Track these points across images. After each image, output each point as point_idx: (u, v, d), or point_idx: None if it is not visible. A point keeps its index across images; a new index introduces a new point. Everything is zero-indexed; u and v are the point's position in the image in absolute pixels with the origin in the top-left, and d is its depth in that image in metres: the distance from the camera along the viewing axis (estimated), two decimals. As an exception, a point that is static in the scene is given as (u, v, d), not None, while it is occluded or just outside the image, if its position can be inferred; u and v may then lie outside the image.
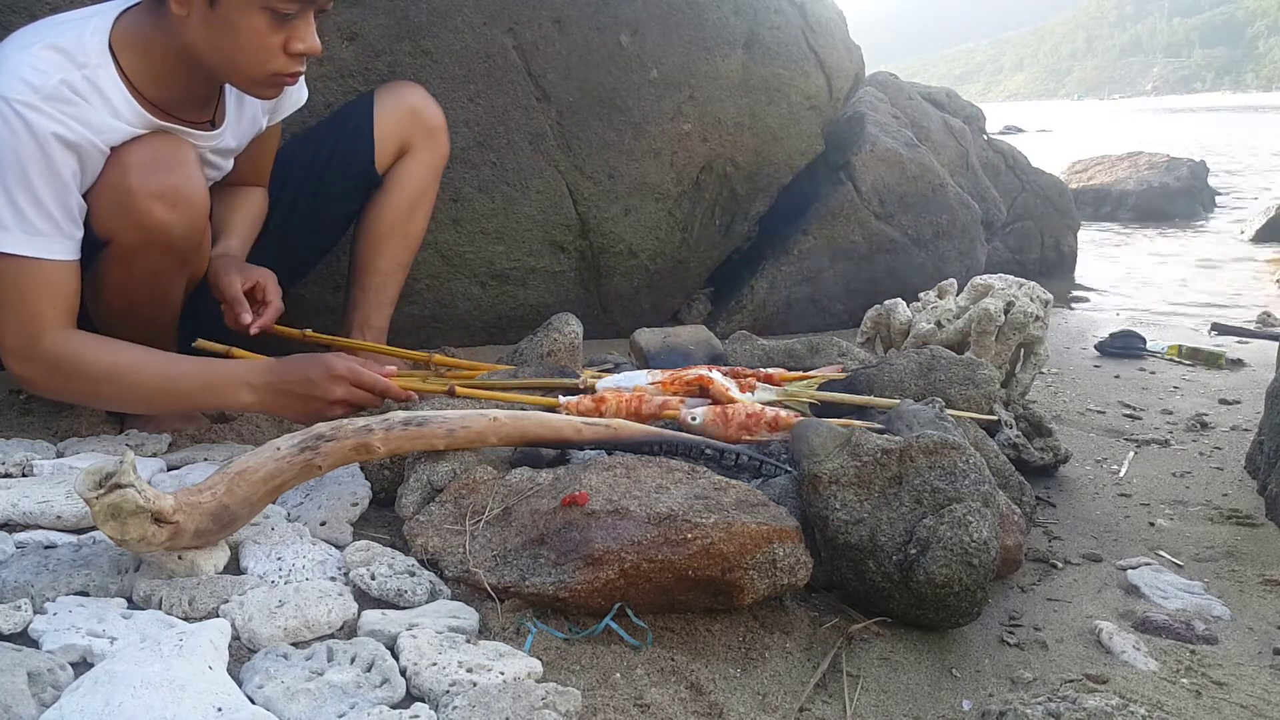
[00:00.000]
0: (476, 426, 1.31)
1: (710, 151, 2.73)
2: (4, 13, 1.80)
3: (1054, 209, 4.33)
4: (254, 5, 1.39)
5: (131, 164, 1.43)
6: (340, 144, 1.90)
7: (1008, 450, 1.67)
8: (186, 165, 1.48)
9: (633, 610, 1.10)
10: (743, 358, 1.82)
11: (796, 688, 1.07)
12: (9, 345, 1.43)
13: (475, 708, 0.90)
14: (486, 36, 2.32)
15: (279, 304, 1.66)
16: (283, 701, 0.91)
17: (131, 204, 1.43)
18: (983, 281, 2.08)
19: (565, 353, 1.77)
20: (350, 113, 1.93)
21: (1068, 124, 26.19)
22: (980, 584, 1.17)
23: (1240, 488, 1.83)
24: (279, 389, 1.49)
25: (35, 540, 1.21)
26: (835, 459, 1.25)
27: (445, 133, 1.97)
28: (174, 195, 1.45)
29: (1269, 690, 1.13)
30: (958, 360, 1.67)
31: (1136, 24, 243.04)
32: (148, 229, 1.45)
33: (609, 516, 1.12)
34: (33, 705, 0.86)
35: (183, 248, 1.51)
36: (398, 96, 1.93)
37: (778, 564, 1.13)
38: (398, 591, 1.13)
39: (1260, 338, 3.21)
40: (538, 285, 2.61)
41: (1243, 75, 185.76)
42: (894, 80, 3.96)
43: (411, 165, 1.93)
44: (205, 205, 1.53)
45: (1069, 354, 2.95)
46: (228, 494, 1.15)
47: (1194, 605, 1.36)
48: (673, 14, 2.56)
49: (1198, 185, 7.38)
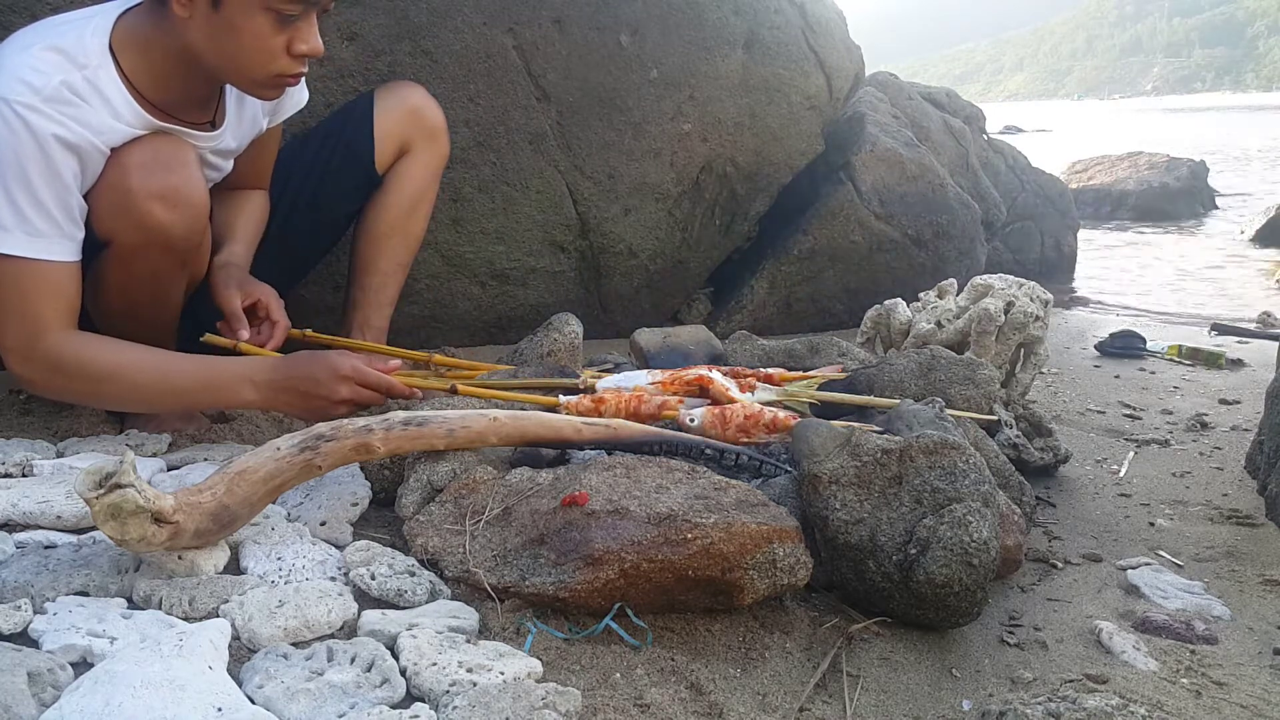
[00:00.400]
0: (476, 426, 1.31)
1: (710, 151, 2.73)
2: (4, 13, 1.80)
3: (1054, 209, 4.34)
4: (257, 6, 1.39)
5: (132, 165, 1.43)
6: (340, 144, 1.90)
7: (1008, 450, 1.67)
8: (187, 166, 1.48)
9: (633, 610, 1.10)
10: (743, 358, 1.82)
11: (796, 688, 1.07)
12: (10, 346, 1.43)
13: (475, 708, 0.90)
14: (486, 36, 2.32)
15: (286, 322, 1.65)
16: (283, 701, 0.91)
17: (132, 204, 1.43)
18: (983, 281, 2.08)
19: (565, 353, 1.77)
20: (350, 113, 1.93)
21: (1068, 124, 26.19)
22: (980, 584, 1.17)
23: (1240, 488, 1.83)
24: (283, 387, 1.49)
25: (35, 540, 1.21)
26: (835, 459, 1.25)
27: (445, 133, 1.97)
28: (174, 196, 1.45)
29: (1269, 690, 1.13)
30: (958, 360, 1.67)
31: (1136, 24, 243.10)
32: (148, 229, 1.45)
33: (609, 516, 1.12)
34: (33, 705, 0.86)
35: (183, 248, 1.51)
36: (398, 96, 1.92)
37: (778, 564, 1.13)
38: (398, 591, 1.13)
39: (1260, 338, 3.21)
40: (538, 285, 2.61)
41: (1243, 75, 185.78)
42: (894, 80, 3.96)
43: (411, 165, 1.93)
44: (205, 206, 1.53)
45: (1069, 354, 2.95)
46: (228, 494, 1.15)
47: (1194, 605, 1.36)
48: (673, 14, 2.56)
49: (1198, 185, 7.39)
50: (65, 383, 1.46)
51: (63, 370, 1.44)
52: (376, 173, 1.91)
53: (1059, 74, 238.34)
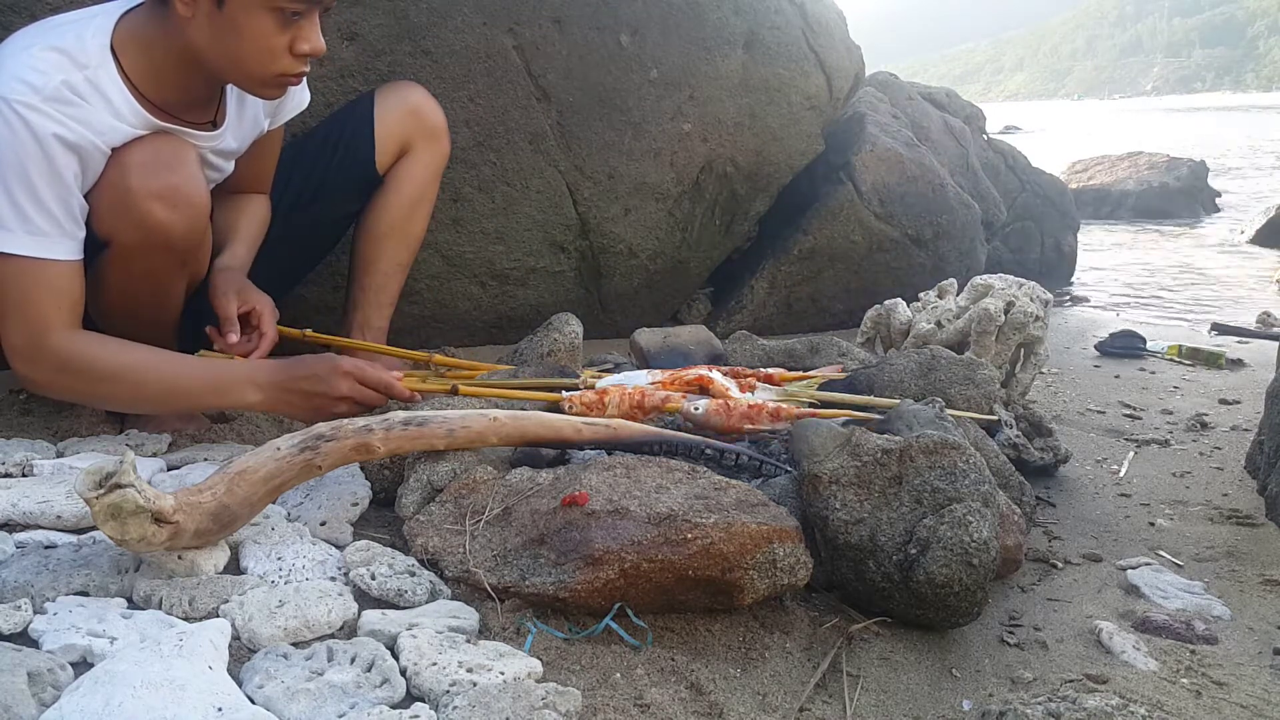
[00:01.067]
0: (476, 426, 1.31)
1: (710, 151, 2.73)
2: (4, 12, 1.80)
3: (1054, 209, 4.33)
4: (261, 6, 1.39)
5: (132, 164, 1.43)
6: (341, 144, 1.90)
7: (1008, 450, 1.67)
8: (187, 165, 1.48)
9: (633, 610, 1.10)
10: (743, 358, 1.82)
11: (796, 688, 1.07)
12: (15, 345, 1.43)
13: (475, 708, 0.90)
14: (486, 36, 2.32)
15: (273, 335, 1.65)
16: (283, 701, 0.91)
17: (132, 204, 1.43)
18: (983, 281, 2.08)
19: (565, 353, 1.77)
20: (351, 113, 1.93)
21: (1068, 124, 26.19)
22: (980, 584, 1.17)
23: (1240, 488, 1.83)
24: (285, 387, 1.49)
25: (35, 540, 1.22)
26: (835, 459, 1.25)
27: (446, 133, 1.97)
28: (174, 195, 1.45)
29: (1269, 690, 1.13)
30: (958, 360, 1.67)
31: (1136, 24, 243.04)
32: (148, 229, 1.45)
33: (609, 516, 1.12)
34: (33, 705, 0.86)
35: (183, 248, 1.51)
36: (399, 96, 1.92)
37: (778, 564, 1.13)
38: (398, 591, 1.14)
39: (1260, 338, 3.21)
40: (538, 285, 2.61)
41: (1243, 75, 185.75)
42: (894, 80, 3.96)
43: (412, 165, 1.93)
44: (206, 206, 1.53)
45: (1069, 354, 2.95)
46: (228, 494, 1.15)
47: (1194, 605, 1.36)
48: (673, 14, 2.56)
49: (1198, 185, 7.38)
50: (70, 383, 1.46)
51: (68, 370, 1.44)
52: (377, 173, 1.91)
53: (1059, 74, 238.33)
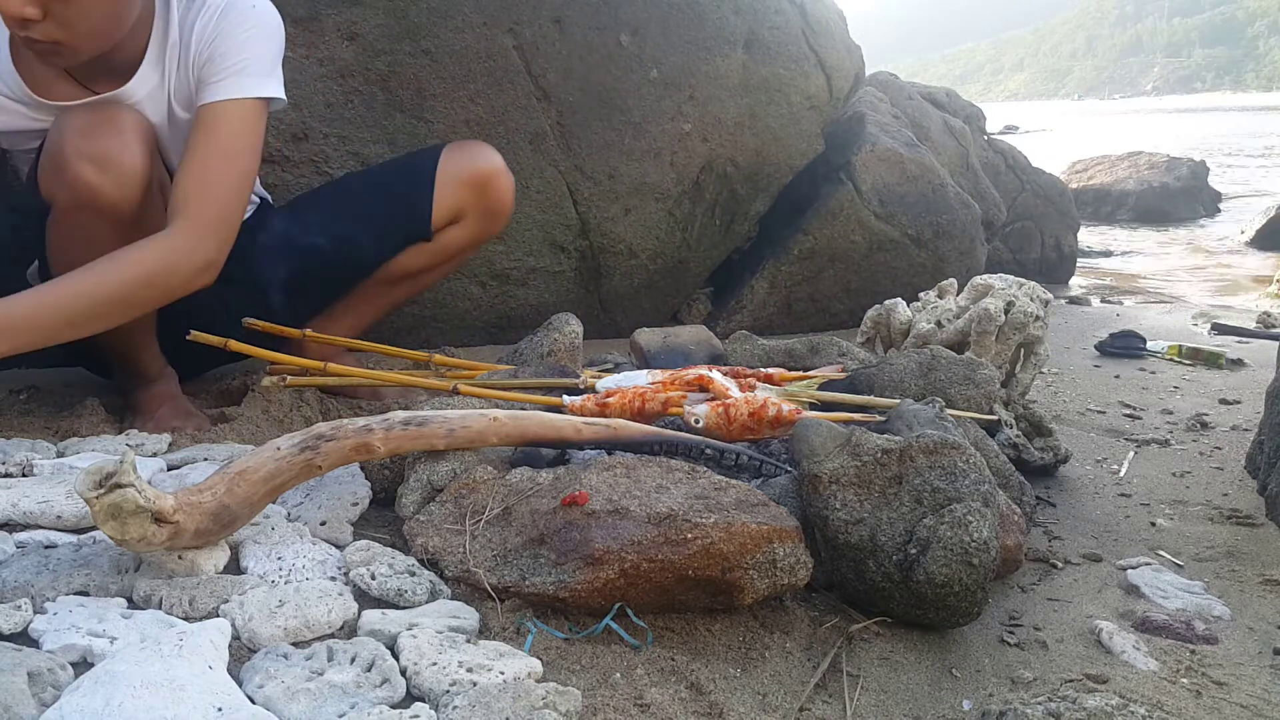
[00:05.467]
0: (476, 426, 1.31)
1: (710, 151, 2.73)
2: None
3: (1054, 209, 4.34)
4: None
5: (68, 128, 1.48)
6: (399, 198, 1.88)
7: (1008, 450, 1.67)
8: (123, 133, 1.50)
9: (633, 610, 1.10)
10: (743, 358, 1.82)
11: (796, 688, 1.07)
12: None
13: (475, 707, 0.90)
14: (486, 36, 2.32)
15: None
16: (283, 701, 0.91)
17: (64, 165, 1.47)
18: (983, 281, 2.08)
19: (565, 353, 1.77)
20: (413, 166, 1.90)
21: (1068, 124, 26.19)
22: (980, 584, 1.17)
23: (1240, 488, 1.83)
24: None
25: (35, 540, 1.21)
26: (835, 459, 1.25)
27: (510, 213, 1.94)
28: (104, 159, 1.47)
29: (1269, 690, 1.13)
30: (958, 360, 1.67)
31: (1136, 24, 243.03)
32: (77, 190, 1.48)
33: (609, 516, 1.12)
34: (33, 705, 0.86)
35: (113, 214, 1.51)
36: (468, 160, 1.89)
37: (778, 564, 1.13)
38: (398, 591, 1.13)
39: (1260, 338, 3.21)
40: (538, 285, 2.61)
41: (1243, 75, 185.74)
42: (894, 80, 3.97)
43: (461, 235, 1.91)
44: (139, 171, 1.51)
45: (1069, 354, 2.95)
46: (228, 494, 1.15)
47: (1194, 605, 1.36)
48: (673, 14, 2.56)
49: (1198, 185, 7.39)
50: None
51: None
52: (430, 233, 1.89)
53: (1059, 74, 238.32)
